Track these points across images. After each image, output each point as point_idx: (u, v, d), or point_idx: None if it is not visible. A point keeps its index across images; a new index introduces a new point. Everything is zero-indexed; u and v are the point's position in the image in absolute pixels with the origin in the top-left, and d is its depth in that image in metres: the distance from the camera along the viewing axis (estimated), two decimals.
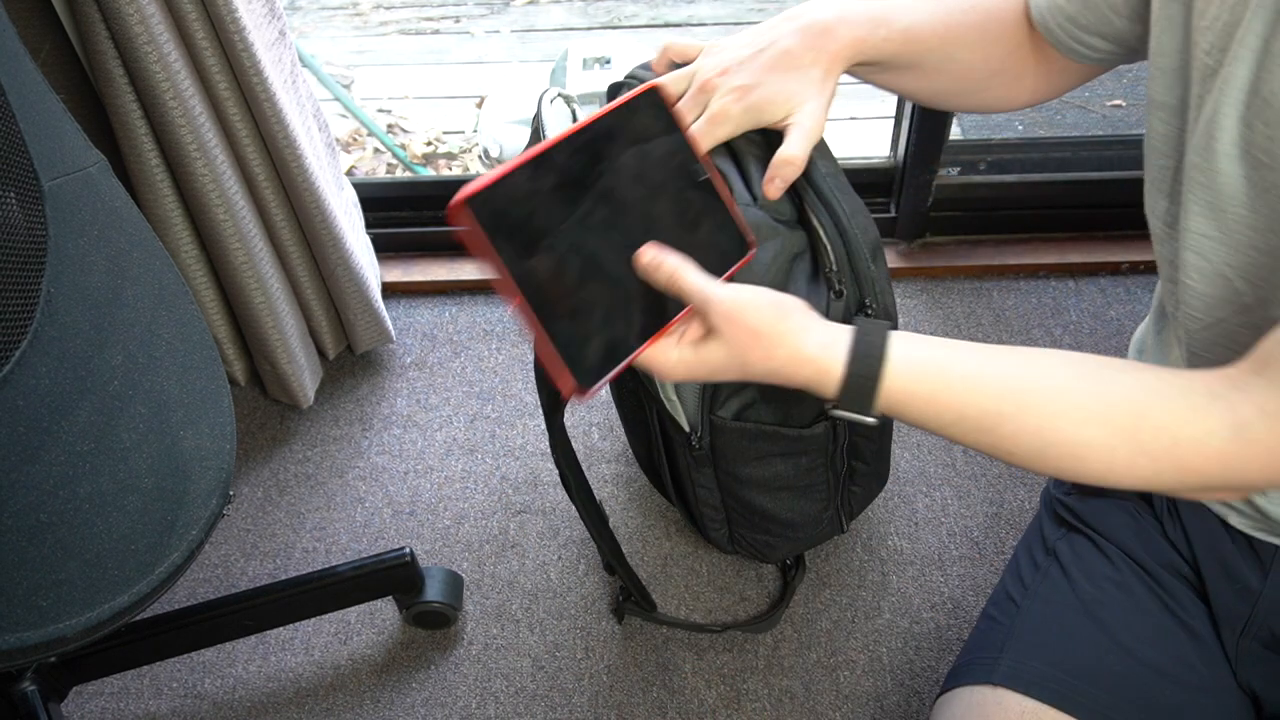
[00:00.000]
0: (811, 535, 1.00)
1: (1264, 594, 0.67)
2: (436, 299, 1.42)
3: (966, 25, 0.75)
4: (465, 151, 1.99)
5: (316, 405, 1.31)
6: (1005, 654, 0.71)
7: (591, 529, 0.95)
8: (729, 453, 0.85)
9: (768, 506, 0.92)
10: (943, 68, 0.76)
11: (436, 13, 2.37)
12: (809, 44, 0.71)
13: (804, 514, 0.94)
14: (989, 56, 0.76)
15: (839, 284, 0.74)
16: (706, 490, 0.91)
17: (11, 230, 0.60)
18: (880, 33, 0.73)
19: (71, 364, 0.62)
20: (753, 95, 0.70)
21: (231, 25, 0.95)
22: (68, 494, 0.60)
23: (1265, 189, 0.56)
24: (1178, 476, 0.55)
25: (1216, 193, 0.58)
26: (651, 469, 1.08)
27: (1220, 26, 0.55)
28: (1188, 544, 0.72)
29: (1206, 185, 0.58)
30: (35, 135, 0.63)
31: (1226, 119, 0.56)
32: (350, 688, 1.05)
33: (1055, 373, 0.58)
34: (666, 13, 2.33)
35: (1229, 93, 0.55)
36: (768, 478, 0.88)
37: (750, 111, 0.70)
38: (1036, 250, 1.39)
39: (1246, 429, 0.52)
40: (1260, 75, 0.54)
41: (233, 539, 1.18)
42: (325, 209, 1.13)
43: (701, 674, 1.03)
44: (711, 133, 0.71)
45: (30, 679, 0.93)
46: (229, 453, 0.73)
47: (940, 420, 0.60)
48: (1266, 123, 0.54)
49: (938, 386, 0.59)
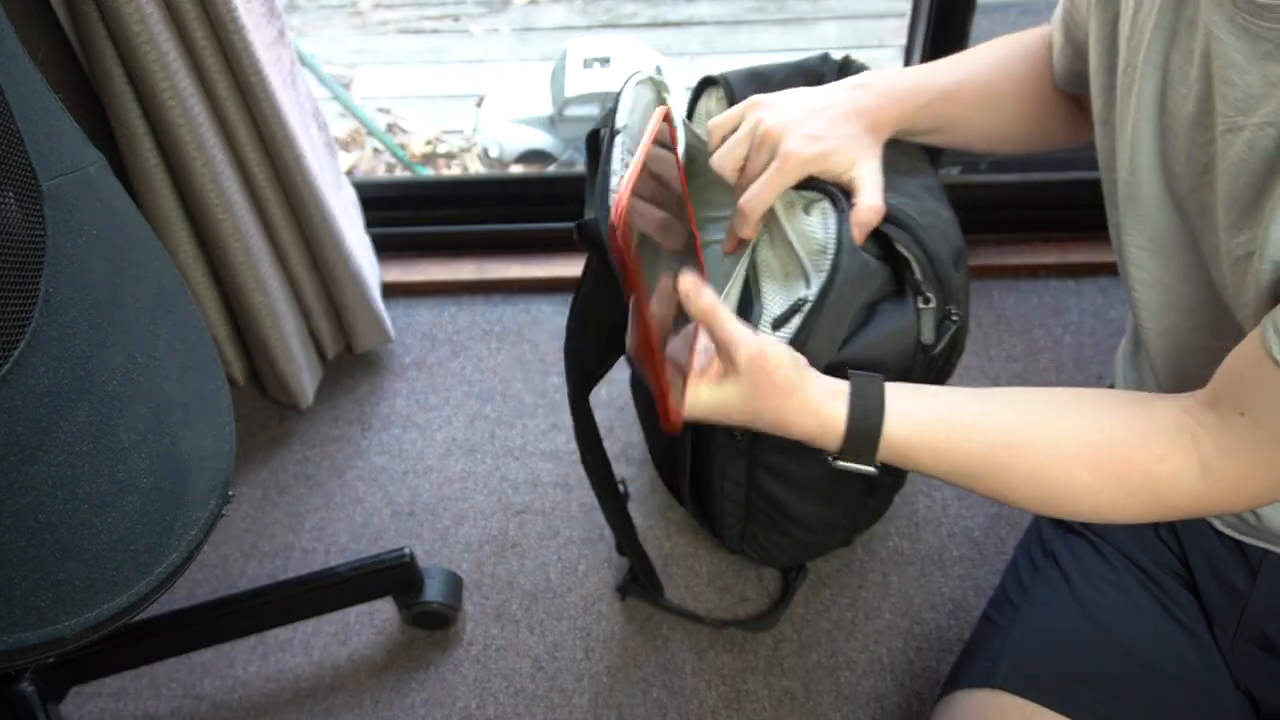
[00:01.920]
0: (821, 543, 1.00)
1: (1252, 596, 0.68)
2: (436, 299, 1.42)
3: (1007, 75, 0.79)
4: (465, 151, 1.99)
5: (316, 405, 1.31)
6: (1004, 656, 0.71)
7: (606, 509, 0.94)
8: (770, 444, 0.84)
9: (791, 506, 0.91)
10: (990, 119, 0.80)
11: (436, 12, 2.37)
12: (862, 110, 0.76)
13: (823, 520, 0.94)
14: (1036, 101, 0.79)
15: (926, 291, 0.75)
16: (734, 484, 0.91)
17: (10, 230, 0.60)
18: (921, 100, 0.77)
19: (70, 364, 0.61)
20: (822, 144, 0.74)
21: (231, 25, 0.94)
22: (66, 494, 0.60)
23: (1181, 198, 0.58)
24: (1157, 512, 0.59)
25: (1144, 204, 0.61)
26: (666, 465, 1.08)
27: (1132, 45, 0.58)
28: (1179, 546, 0.72)
29: (1133, 199, 0.61)
30: (33, 135, 0.63)
31: (1144, 133, 0.58)
32: (350, 688, 1.05)
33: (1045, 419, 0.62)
34: (666, 12, 2.33)
35: (1142, 108, 0.58)
36: (801, 476, 0.88)
37: (819, 159, 0.74)
38: (1036, 250, 1.39)
39: (1210, 469, 0.56)
40: (1165, 90, 0.56)
41: (232, 539, 1.18)
42: (325, 209, 1.13)
43: (701, 674, 1.03)
44: (781, 176, 0.74)
45: (29, 679, 0.93)
46: (228, 453, 0.73)
47: (938, 469, 0.64)
48: (1175, 134, 0.56)
49: (936, 438, 0.63)
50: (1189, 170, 0.56)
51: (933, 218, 0.78)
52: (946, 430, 0.62)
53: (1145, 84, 0.57)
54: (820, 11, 2.30)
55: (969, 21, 1.18)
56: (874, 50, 2.19)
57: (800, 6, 2.30)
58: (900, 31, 2.18)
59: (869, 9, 2.30)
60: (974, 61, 0.80)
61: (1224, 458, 0.55)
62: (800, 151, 0.73)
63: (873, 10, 2.30)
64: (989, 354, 1.29)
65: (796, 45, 2.21)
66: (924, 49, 1.22)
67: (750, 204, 0.75)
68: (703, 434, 0.92)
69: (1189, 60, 0.54)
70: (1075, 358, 1.27)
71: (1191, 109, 0.54)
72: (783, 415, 0.65)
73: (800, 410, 0.64)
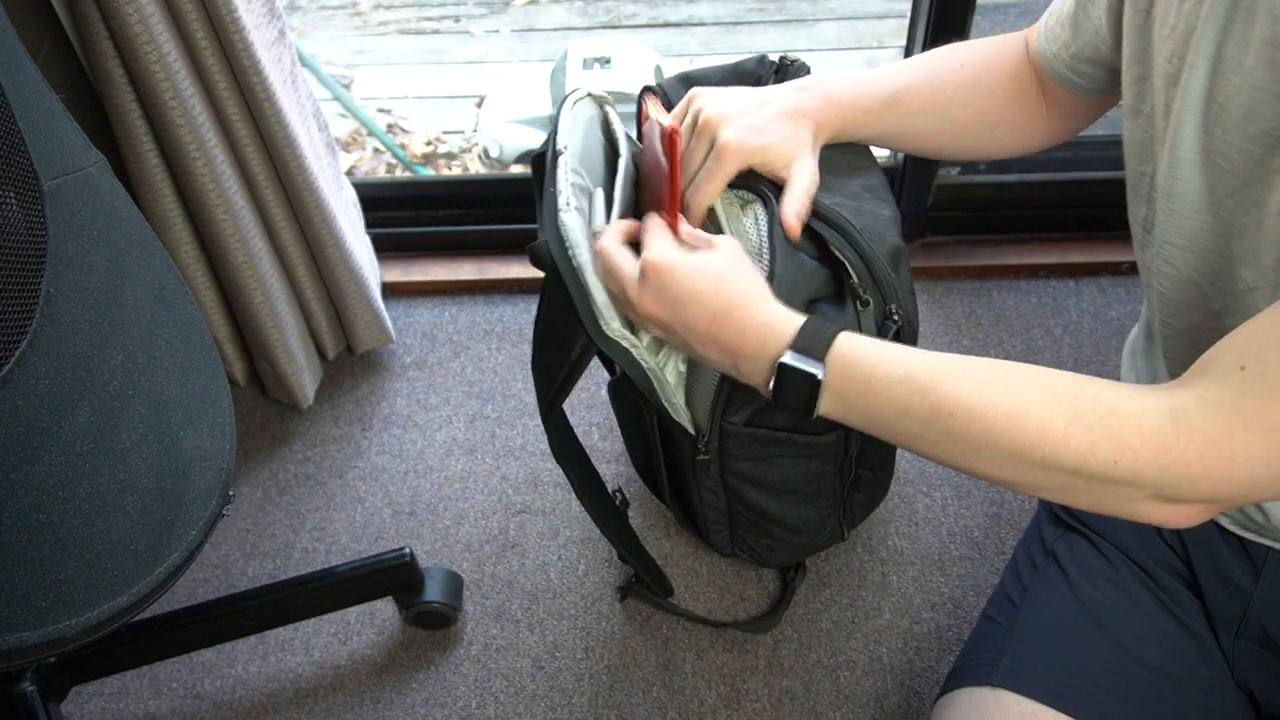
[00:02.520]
0: (813, 542, 1.00)
1: (1256, 595, 0.67)
2: (436, 299, 1.42)
3: (956, 84, 0.79)
4: (465, 151, 1.99)
5: (316, 405, 1.31)
6: (1004, 655, 0.71)
7: (603, 526, 0.93)
8: (738, 455, 0.85)
9: (773, 510, 0.92)
10: (937, 127, 0.79)
11: (436, 12, 2.37)
12: (803, 110, 0.76)
13: (807, 520, 0.94)
14: (985, 110, 0.79)
15: (864, 293, 0.75)
16: (711, 493, 0.91)
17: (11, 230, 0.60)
18: (863, 104, 0.78)
19: (71, 364, 0.61)
20: (761, 137, 0.74)
21: (231, 25, 0.94)
22: (67, 494, 0.60)
23: (1225, 195, 0.56)
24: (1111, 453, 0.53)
25: (1181, 200, 0.59)
26: (649, 474, 1.08)
27: (1178, 34, 0.56)
28: (1182, 545, 0.72)
29: (1170, 193, 0.59)
30: (35, 135, 0.63)
31: (1187, 126, 0.56)
32: (350, 688, 1.05)
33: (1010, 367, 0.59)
34: (666, 13, 2.33)
35: (1188, 100, 0.56)
36: (775, 481, 0.88)
37: (758, 151, 0.74)
38: (1036, 250, 1.39)
39: (1184, 415, 0.52)
40: (1215, 81, 0.54)
41: (233, 539, 1.18)
42: (325, 209, 1.13)
43: (701, 674, 1.03)
44: (721, 167, 0.74)
45: (30, 679, 0.93)
46: (229, 453, 0.73)
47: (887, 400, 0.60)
48: (1224, 128, 0.55)
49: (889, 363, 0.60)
50: (1239, 164, 0.54)
51: (869, 218, 0.78)
52: (900, 354, 0.60)
53: (1194, 75, 0.55)
54: (820, 12, 2.30)
55: (968, 22, 1.18)
56: (874, 50, 2.19)
57: (800, 7, 2.31)
58: (900, 32, 2.18)
59: (869, 9, 2.30)
60: (923, 69, 0.79)
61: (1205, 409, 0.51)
62: (739, 141, 0.73)
63: (873, 10, 2.30)
64: (988, 354, 1.29)
65: (796, 45, 2.21)
66: (923, 49, 1.22)
67: (694, 199, 0.75)
68: (673, 447, 0.92)
69: (1244, 49, 0.52)
70: (1075, 358, 1.27)
71: (1245, 99, 0.53)
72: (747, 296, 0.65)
73: (764, 299, 0.65)
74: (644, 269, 0.66)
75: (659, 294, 0.66)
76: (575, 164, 0.77)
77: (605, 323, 0.70)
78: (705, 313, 0.65)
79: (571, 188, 0.74)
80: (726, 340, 0.64)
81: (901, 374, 0.59)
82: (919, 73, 0.79)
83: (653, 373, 0.75)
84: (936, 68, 0.79)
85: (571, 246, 0.70)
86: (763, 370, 0.63)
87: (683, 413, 0.82)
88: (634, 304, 0.67)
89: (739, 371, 0.66)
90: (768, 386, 0.63)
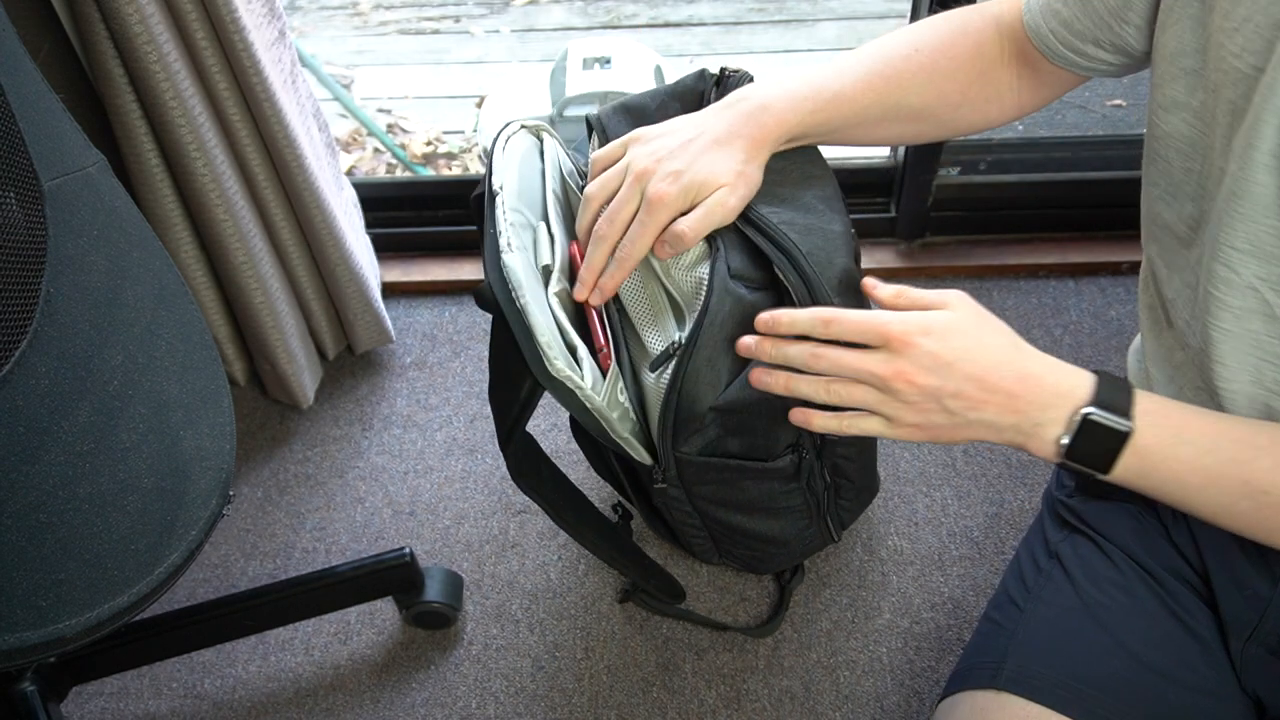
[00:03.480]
0: (800, 549, 0.99)
1: (1274, 601, 0.67)
2: (436, 299, 1.42)
3: (908, 73, 0.76)
4: (465, 151, 1.99)
5: (316, 405, 1.31)
6: (1008, 658, 0.71)
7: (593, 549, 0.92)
8: (697, 480, 0.84)
9: (747, 526, 0.91)
10: (894, 116, 0.77)
11: (436, 13, 2.37)
12: (736, 130, 0.75)
13: (785, 532, 0.93)
14: (945, 93, 0.77)
15: None
16: (683, 513, 0.90)
17: (11, 230, 0.60)
18: (807, 107, 0.75)
19: (71, 364, 0.61)
20: (683, 180, 0.73)
21: (231, 25, 0.94)
22: (68, 494, 0.60)
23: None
24: None
25: (1251, 203, 0.56)
26: (625, 497, 1.08)
27: (1252, 28, 0.53)
28: (1196, 550, 0.71)
29: (1239, 195, 0.56)
30: (35, 135, 0.63)
31: (1267, 127, 0.53)
32: (350, 688, 1.05)
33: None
34: (666, 13, 2.33)
35: (1271, 100, 0.53)
36: (742, 501, 0.87)
37: (682, 196, 0.73)
38: (1036, 250, 1.39)
39: None
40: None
41: (233, 539, 1.18)
42: (325, 209, 1.13)
43: (701, 674, 1.03)
44: (654, 217, 0.74)
45: (30, 679, 0.93)
46: (229, 453, 0.73)
47: (1188, 481, 0.58)
48: None
49: (1189, 434, 0.58)
50: None
51: (819, 238, 0.76)
52: (1204, 419, 0.58)
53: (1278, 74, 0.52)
54: (820, 12, 2.30)
55: None
56: None
57: (800, 7, 2.31)
58: None
59: (869, 9, 2.30)
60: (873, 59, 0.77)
61: None
62: (664, 192, 0.72)
63: (873, 10, 2.30)
64: None
65: (796, 45, 2.21)
66: None
67: (628, 253, 0.75)
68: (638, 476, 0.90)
69: None
70: (1075, 358, 1.27)
71: None
72: (1017, 346, 0.62)
73: (1033, 350, 0.62)
74: (890, 340, 0.62)
75: (918, 362, 0.61)
76: (514, 202, 0.77)
77: (549, 362, 0.70)
78: (977, 369, 0.61)
79: (511, 227, 0.74)
80: (1004, 394, 0.61)
81: (1209, 444, 0.58)
82: (868, 64, 0.76)
83: (598, 412, 0.74)
84: (888, 57, 0.76)
85: (515, 288, 0.70)
86: (1056, 423, 0.60)
87: (636, 446, 0.81)
88: (891, 380, 0.62)
89: (1018, 430, 0.62)
90: (1058, 442, 0.60)
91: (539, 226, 0.79)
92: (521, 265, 0.72)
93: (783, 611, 1.05)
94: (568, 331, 0.74)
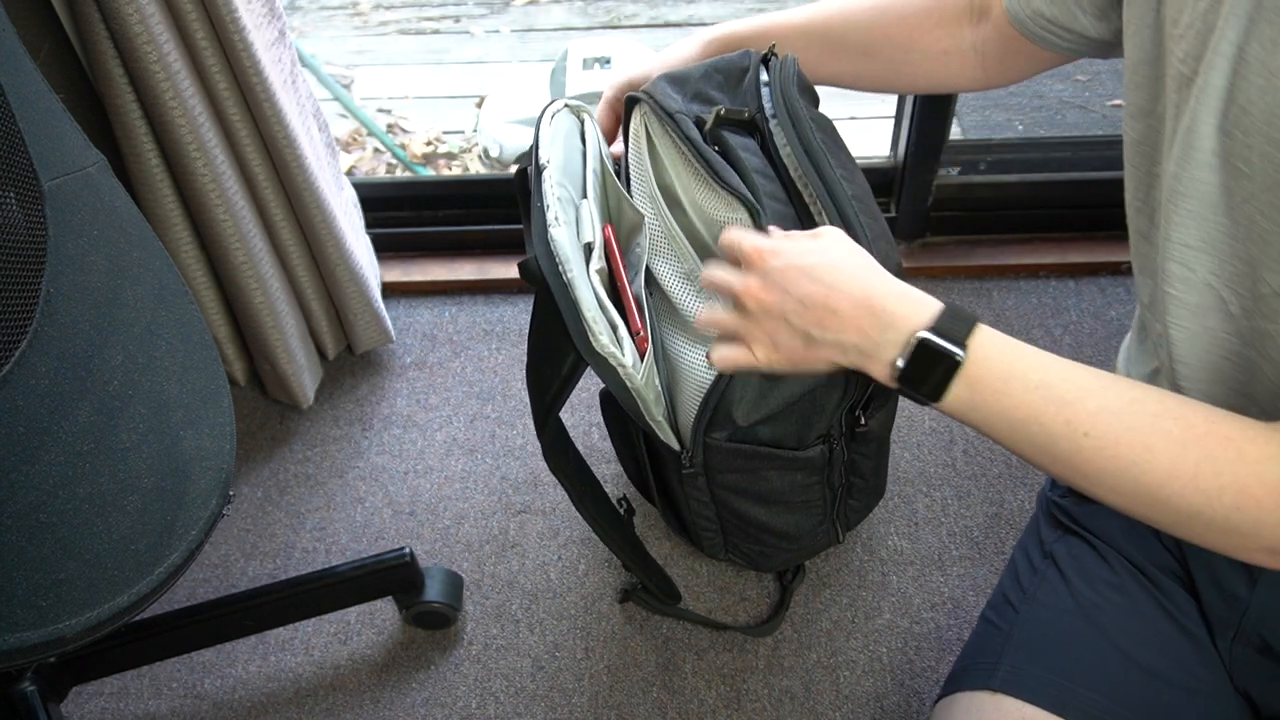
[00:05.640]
0: (806, 547, 1.00)
1: (1252, 602, 0.67)
2: (436, 299, 1.42)
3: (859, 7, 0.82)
4: (465, 151, 1.99)
5: (316, 405, 1.31)
6: (1004, 659, 0.71)
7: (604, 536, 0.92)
8: (723, 468, 0.85)
9: (763, 518, 0.91)
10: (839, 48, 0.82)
11: (436, 13, 2.37)
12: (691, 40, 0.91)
13: (798, 527, 0.94)
14: (891, 35, 0.80)
15: None
16: (700, 503, 0.91)
17: (11, 230, 0.60)
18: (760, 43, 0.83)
19: (71, 364, 0.61)
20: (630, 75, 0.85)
21: (231, 25, 0.94)
22: (68, 494, 0.60)
23: (1244, 199, 0.55)
24: (1235, 500, 0.53)
25: (1198, 202, 0.57)
26: (640, 482, 1.08)
27: (1194, 34, 0.55)
28: (1179, 549, 0.72)
29: (1186, 195, 0.58)
30: (35, 135, 0.63)
31: (1205, 127, 0.55)
32: (350, 688, 1.05)
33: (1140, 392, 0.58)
34: (666, 13, 2.33)
35: (1206, 101, 0.55)
36: (763, 492, 0.88)
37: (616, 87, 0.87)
38: (1036, 250, 1.39)
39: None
40: (1236, 83, 0.53)
41: (233, 539, 1.18)
42: (325, 209, 1.13)
43: (701, 674, 1.03)
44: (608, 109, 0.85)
45: (30, 679, 0.93)
46: (229, 453, 0.73)
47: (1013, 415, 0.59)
48: (1245, 131, 0.53)
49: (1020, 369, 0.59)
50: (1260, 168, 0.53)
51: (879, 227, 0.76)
52: (1039, 358, 0.59)
53: (1212, 76, 0.54)
54: None
55: None
56: None
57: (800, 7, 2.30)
58: None
59: None
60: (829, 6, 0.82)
61: None
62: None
63: None
64: None
65: None
66: None
67: None
68: (660, 461, 0.91)
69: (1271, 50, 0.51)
70: (1074, 358, 1.26)
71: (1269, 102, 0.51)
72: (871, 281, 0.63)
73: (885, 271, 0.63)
74: (747, 256, 0.65)
75: (765, 278, 0.64)
76: (560, 177, 0.76)
77: (595, 338, 0.70)
78: (820, 288, 0.63)
79: (558, 202, 0.73)
80: (846, 313, 0.62)
81: (1038, 379, 0.58)
82: (818, 4, 0.83)
83: (637, 393, 0.74)
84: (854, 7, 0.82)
85: (562, 262, 0.70)
86: (893, 345, 0.61)
87: (666, 430, 0.81)
88: (741, 295, 0.66)
89: (860, 351, 0.63)
90: (893, 365, 0.61)
91: (583, 204, 0.78)
92: (568, 240, 0.72)
93: (783, 611, 1.05)
94: (609, 310, 0.73)
